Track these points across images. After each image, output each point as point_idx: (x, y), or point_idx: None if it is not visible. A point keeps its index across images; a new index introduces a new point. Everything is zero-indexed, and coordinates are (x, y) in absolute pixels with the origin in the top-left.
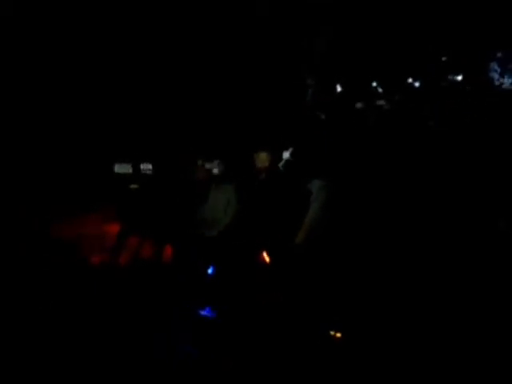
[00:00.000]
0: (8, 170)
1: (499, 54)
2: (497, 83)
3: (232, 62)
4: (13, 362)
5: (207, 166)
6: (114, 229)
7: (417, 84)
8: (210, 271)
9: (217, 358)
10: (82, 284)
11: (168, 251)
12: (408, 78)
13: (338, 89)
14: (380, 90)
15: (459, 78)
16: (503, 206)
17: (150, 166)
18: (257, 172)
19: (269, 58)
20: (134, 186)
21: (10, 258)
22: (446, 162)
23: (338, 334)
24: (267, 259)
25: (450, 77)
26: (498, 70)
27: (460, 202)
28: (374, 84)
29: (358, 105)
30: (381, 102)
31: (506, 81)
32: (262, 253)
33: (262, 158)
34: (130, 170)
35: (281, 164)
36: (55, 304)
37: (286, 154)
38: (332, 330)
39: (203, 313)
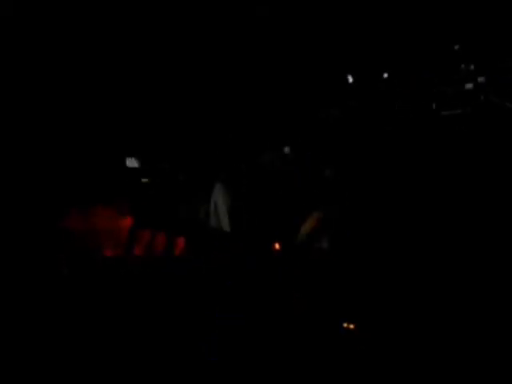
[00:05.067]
0: (19, 164)
1: None
2: None
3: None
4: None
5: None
6: (126, 222)
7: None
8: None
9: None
10: (94, 277)
11: (180, 244)
12: (421, 69)
13: (350, 80)
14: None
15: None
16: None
17: (161, 161)
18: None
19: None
20: (145, 180)
21: (20, 252)
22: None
23: (352, 326)
24: (278, 249)
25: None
26: None
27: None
28: (386, 75)
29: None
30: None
31: None
32: (273, 244)
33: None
34: (142, 164)
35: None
36: (66, 298)
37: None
38: (346, 321)
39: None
